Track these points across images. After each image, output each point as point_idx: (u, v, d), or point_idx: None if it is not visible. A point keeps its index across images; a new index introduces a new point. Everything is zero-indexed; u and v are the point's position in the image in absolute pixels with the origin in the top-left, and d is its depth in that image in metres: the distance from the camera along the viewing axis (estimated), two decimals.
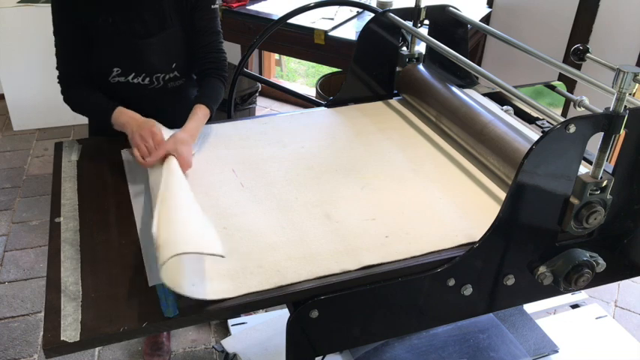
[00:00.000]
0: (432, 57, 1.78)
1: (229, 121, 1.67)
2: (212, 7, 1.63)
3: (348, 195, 1.33)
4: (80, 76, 1.57)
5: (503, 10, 3.14)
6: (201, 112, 1.52)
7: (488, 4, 3.17)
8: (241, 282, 1.07)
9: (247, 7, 2.94)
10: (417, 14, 1.67)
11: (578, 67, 1.38)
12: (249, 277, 1.08)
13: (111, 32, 1.53)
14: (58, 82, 1.59)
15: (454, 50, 1.46)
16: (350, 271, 1.10)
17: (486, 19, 3.12)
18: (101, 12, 1.51)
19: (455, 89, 1.58)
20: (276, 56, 4.37)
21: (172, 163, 1.33)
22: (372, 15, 1.73)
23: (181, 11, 1.60)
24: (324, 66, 3.54)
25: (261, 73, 4.02)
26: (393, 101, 1.79)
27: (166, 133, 1.44)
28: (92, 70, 1.58)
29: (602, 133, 1.07)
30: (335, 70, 3.22)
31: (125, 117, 1.47)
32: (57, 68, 1.58)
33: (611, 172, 1.13)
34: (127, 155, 1.50)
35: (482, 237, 1.12)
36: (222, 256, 1.03)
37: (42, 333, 2.09)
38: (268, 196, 1.33)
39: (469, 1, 3.23)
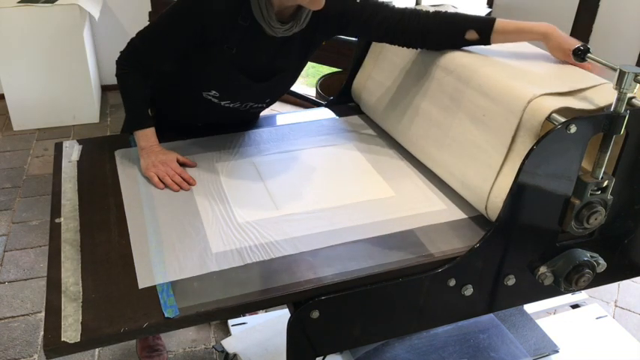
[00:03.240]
0: None
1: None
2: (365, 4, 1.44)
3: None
4: (149, 67, 1.46)
5: (504, 10, 3.14)
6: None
7: (488, 4, 3.17)
8: None
9: None
10: None
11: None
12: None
13: (229, 62, 1.42)
14: (124, 53, 1.45)
15: None
16: (350, 271, 1.11)
17: None
18: (230, 39, 1.39)
19: None
20: None
21: None
22: None
23: (305, 56, 1.52)
24: (324, 66, 3.54)
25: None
26: None
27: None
28: (188, 81, 1.50)
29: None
30: (335, 70, 3.21)
31: (147, 143, 1.43)
32: (134, 42, 1.44)
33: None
34: (120, 156, 1.49)
35: (482, 237, 1.12)
36: None
37: (42, 333, 2.09)
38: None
39: (469, 1, 3.23)
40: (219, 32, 1.38)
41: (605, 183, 1.11)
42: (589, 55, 1.28)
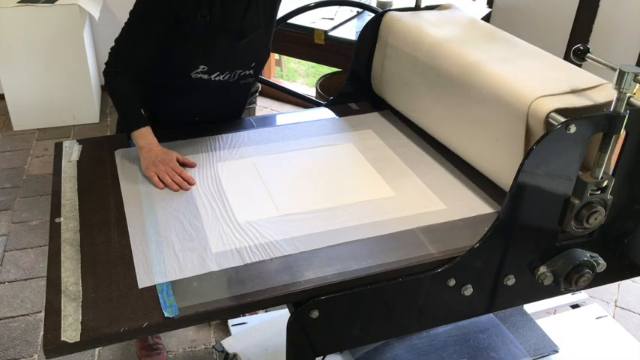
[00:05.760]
0: None
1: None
2: None
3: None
4: (135, 66, 1.51)
5: (503, 10, 3.14)
6: None
7: (488, 4, 3.17)
8: None
9: None
10: None
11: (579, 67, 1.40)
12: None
13: (207, 30, 1.50)
14: (109, 61, 1.52)
15: None
16: (350, 271, 1.11)
17: (486, 19, 3.12)
18: (201, 8, 1.48)
19: None
20: (276, 56, 4.37)
21: None
22: (372, 15, 1.73)
23: (271, 10, 1.61)
24: (324, 66, 3.54)
25: (261, 74, 4.02)
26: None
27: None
28: (175, 65, 1.55)
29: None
30: (335, 70, 3.21)
31: (146, 142, 1.44)
32: (114, 48, 1.51)
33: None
34: (120, 156, 1.49)
35: (482, 237, 1.12)
36: None
37: (42, 333, 2.09)
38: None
39: (469, 1, 3.23)
40: (188, 5, 1.46)
41: (605, 183, 1.11)
42: (589, 55, 1.28)
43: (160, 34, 1.48)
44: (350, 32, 2.68)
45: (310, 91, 3.99)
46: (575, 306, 1.94)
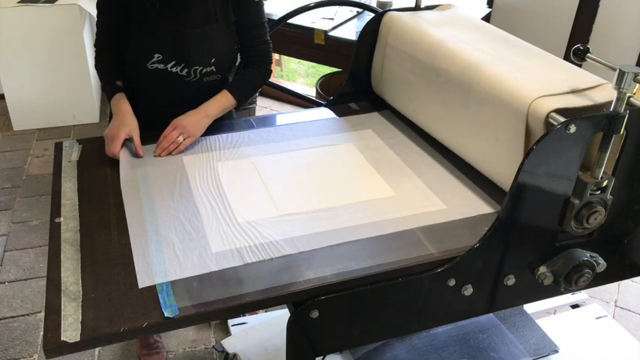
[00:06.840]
0: None
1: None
2: (255, 0, 1.65)
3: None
4: (110, 49, 1.64)
5: (503, 10, 3.13)
6: (223, 97, 1.62)
7: (488, 4, 3.17)
8: None
9: None
10: None
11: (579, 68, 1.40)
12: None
13: (156, 17, 1.54)
14: (95, 53, 1.69)
15: None
16: (350, 271, 1.11)
17: (486, 19, 3.12)
18: None
19: None
20: (276, 56, 4.37)
21: None
22: (372, 15, 1.73)
23: (226, 6, 1.62)
24: (324, 66, 3.54)
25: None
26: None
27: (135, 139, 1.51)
28: (132, 54, 1.61)
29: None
30: (335, 70, 3.21)
31: (116, 108, 1.56)
32: (95, 35, 1.68)
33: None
34: (122, 157, 1.49)
35: (482, 237, 1.12)
36: None
37: (42, 333, 2.09)
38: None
39: (469, 1, 3.23)
40: None
41: (605, 183, 1.11)
42: (589, 55, 1.28)
43: (116, 19, 1.57)
44: (350, 32, 2.68)
45: (310, 91, 3.99)
46: (575, 306, 1.94)
